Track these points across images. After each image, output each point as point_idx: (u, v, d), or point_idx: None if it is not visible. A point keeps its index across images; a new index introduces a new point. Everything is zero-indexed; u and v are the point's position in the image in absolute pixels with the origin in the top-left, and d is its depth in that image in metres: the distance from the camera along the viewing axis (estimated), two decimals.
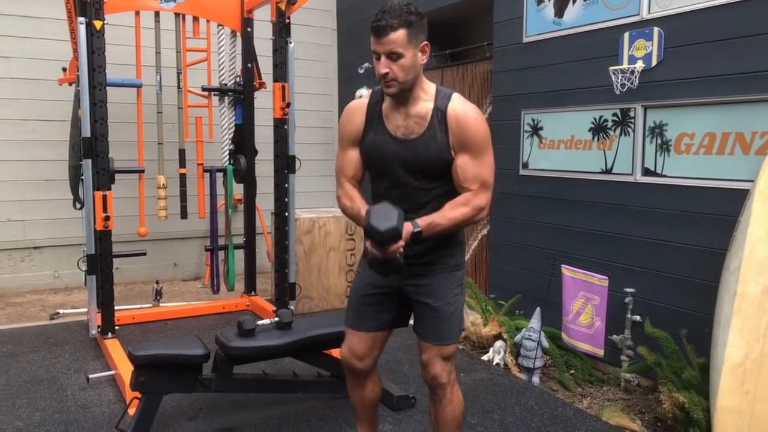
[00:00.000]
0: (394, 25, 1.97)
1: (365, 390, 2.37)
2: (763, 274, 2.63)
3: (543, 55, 4.11)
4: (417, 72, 2.05)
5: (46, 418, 3.03)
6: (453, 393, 2.23)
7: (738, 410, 2.56)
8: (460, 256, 2.24)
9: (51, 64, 5.22)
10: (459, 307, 2.21)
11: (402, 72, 1.99)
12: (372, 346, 2.29)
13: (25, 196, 5.48)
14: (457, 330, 2.21)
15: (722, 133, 3.14)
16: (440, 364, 2.17)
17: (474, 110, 2.09)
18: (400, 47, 1.97)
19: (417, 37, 2.01)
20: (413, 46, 2.00)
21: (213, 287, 4.84)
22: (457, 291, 2.20)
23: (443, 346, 2.17)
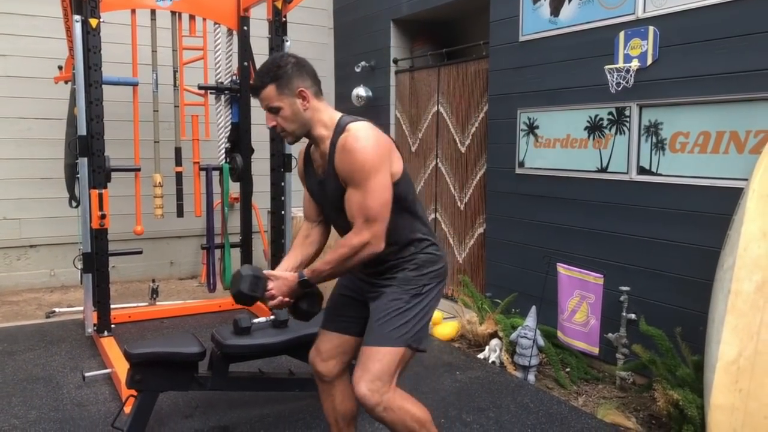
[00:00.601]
0: (264, 83, 2.04)
1: (334, 400, 2.29)
2: (756, 272, 2.64)
3: (539, 54, 4.12)
4: (305, 118, 2.06)
5: (42, 417, 3.03)
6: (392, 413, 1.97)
7: (732, 407, 2.58)
8: (413, 269, 2.06)
9: (47, 62, 5.21)
10: (398, 312, 2.01)
11: (286, 122, 2.06)
12: (337, 349, 2.24)
13: (20, 194, 5.47)
14: (390, 334, 1.99)
15: (717, 132, 3.15)
16: (365, 383, 1.95)
17: (361, 139, 1.93)
18: (274, 102, 2.03)
19: (289, 86, 2.02)
20: (288, 96, 2.02)
21: (209, 286, 4.84)
22: (401, 299, 2.03)
23: (372, 349, 1.99)
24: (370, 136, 1.95)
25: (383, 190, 1.93)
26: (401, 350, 2.00)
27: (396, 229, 2.05)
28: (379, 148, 1.94)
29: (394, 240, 2.05)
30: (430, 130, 5.40)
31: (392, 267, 2.08)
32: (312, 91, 2.06)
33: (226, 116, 4.78)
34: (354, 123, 2.02)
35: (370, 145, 1.93)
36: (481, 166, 4.83)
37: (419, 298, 2.05)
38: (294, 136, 2.09)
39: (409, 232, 2.09)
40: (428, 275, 2.09)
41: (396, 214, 2.02)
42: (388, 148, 1.98)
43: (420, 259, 2.08)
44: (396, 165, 2.01)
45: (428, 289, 2.08)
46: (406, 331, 2.01)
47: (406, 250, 2.08)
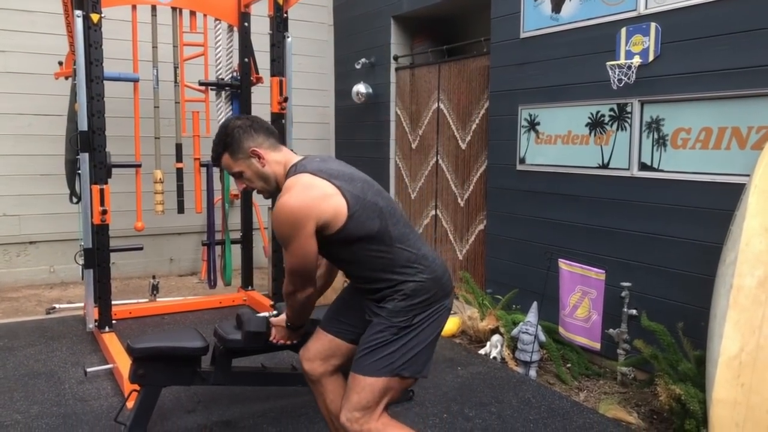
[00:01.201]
0: (218, 154, 2.13)
1: (325, 399, 2.28)
2: (758, 267, 2.65)
3: (540, 51, 4.13)
4: (267, 173, 2.10)
5: (44, 411, 3.02)
6: None
7: (734, 402, 2.58)
8: (402, 300, 2.00)
9: (47, 58, 5.21)
10: (383, 344, 1.98)
11: (252, 183, 2.14)
12: (326, 352, 2.24)
13: (20, 190, 5.46)
14: (373, 365, 1.97)
15: (719, 128, 3.16)
16: (346, 413, 1.98)
17: (282, 202, 1.93)
18: (234, 168, 2.11)
19: (241, 149, 2.08)
20: (243, 159, 2.09)
21: (210, 282, 4.84)
22: (388, 332, 1.99)
23: (355, 377, 2.00)
24: (288, 201, 1.92)
25: (302, 252, 1.96)
26: (385, 380, 1.97)
27: (372, 266, 2.02)
28: (294, 213, 1.90)
29: (373, 276, 2.03)
30: (431, 127, 5.40)
31: (382, 297, 2.03)
32: (266, 147, 2.09)
33: (227, 112, 4.78)
34: (289, 180, 2.01)
35: (286, 210, 1.91)
36: (482, 162, 4.83)
37: (409, 329, 1.99)
38: (266, 191, 2.16)
39: (388, 265, 2.01)
40: (421, 304, 2.00)
41: (362, 252, 2.00)
42: (308, 210, 1.91)
43: (409, 288, 1.99)
44: (333, 215, 1.94)
45: (421, 318, 2.00)
46: (391, 362, 1.97)
47: (391, 281, 2.01)
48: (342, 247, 2.02)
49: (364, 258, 2.02)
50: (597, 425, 2.98)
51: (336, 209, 1.94)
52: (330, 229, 1.95)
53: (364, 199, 1.99)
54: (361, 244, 1.99)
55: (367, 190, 2.03)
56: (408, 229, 2.08)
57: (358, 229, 1.97)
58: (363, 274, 2.07)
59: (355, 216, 1.96)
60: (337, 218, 1.94)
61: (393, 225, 2.03)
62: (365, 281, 2.07)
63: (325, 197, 1.94)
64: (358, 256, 2.02)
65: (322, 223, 1.93)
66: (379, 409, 1.99)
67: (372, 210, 1.99)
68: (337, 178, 1.99)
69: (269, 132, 2.13)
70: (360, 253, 2.01)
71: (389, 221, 2.02)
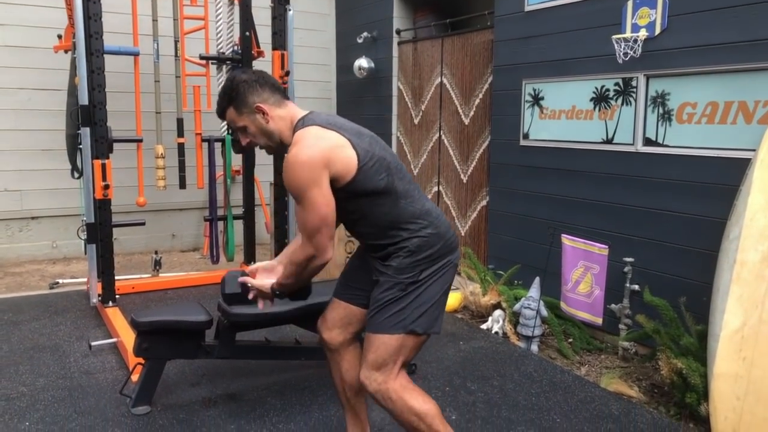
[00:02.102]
0: (223, 108, 2.09)
1: (341, 369, 2.29)
2: (762, 242, 2.65)
3: (545, 24, 4.08)
4: (271, 130, 2.06)
5: (50, 384, 3.05)
6: (391, 402, 1.99)
7: (735, 375, 2.60)
8: (407, 257, 2.00)
9: (46, 32, 5.14)
10: (392, 301, 1.99)
11: (255, 138, 2.09)
12: (342, 319, 2.24)
13: (21, 165, 5.44)
14: (385, 323, 1.98)
15: (725, 102, 3.13)
16: (364, 371, 2.01)
17: (291, 156, 1.92)
18: (238, 123, 2.08)
19: (245, 104, 2.04)
20: (247, 114, 2.05)
21: (212, 257, 4.85)
22: (395, 288, 1.99)
23: (369, 336, 2.01)
24: (299, 153, 1.90)
25: (319, 204, 1.90)
26: (399, 337, 1.98)
27: (377, 222, 2.02)
28: (308, 163, 1.88)
29: (378, 232, 2.03)
30: (433, 102, 5.36)
31: (387, 255, 2.03)
32: (271, 103, 2.05)
33: None
34: (297, 133, 1.99)
35: (299, 162, 1.89)
36: (485, 138, 4.81)
37: (416, 286, 2.00)
38: (269, 148, 2.13)
39: (393, 221, 2.01)
40: (426, 259, 2.01)
41: (369, 207, 2.00)
42: (320, 159, 1.89)
43: (413, 244, 2.00)
44: (344, 166, 1.93)
45: (428, 274, 2.01)
46: (402, 318, 1.98)
47: (396, 237, 2.01)
48: (349, 201, 2.00)
49: (370, 213, 2.02)
50: (598, 399, 3.01)
51: (347, 161, 1.94)
52: (340, 181, 1.94)
53: (373, 153, 1.99)
54: (369, 198, 1.99)
55: (375, 145, 2.04)
56: (412, 186, 2.09)
57: (366, 182, 1.97)
58: (368, 230, 2.06)
59: (364, 169, 1.96)
60: (347, 170, 1.94)
61: (399, 180, 2.04)
62: (371, 238, 2.07)
63: (336, 147, 1.94)
64: (365, 210, 2.02)
65: (334, 174, 1.92)
66: (396, 367, 2.00)
67: (380, 164, 2.00)
68: (346, 131, 1.99)
69: (275, 88, 2.09)
70: (367, 207, 2.01)
71: (396, 176, 2.03)
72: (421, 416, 1.97)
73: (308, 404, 2.89)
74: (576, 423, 2.77)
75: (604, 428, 2.73)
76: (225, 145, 4.70)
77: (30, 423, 2.67)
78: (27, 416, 2.73)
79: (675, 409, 2.96)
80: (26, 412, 2.77)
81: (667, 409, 2.98)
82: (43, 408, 2.81)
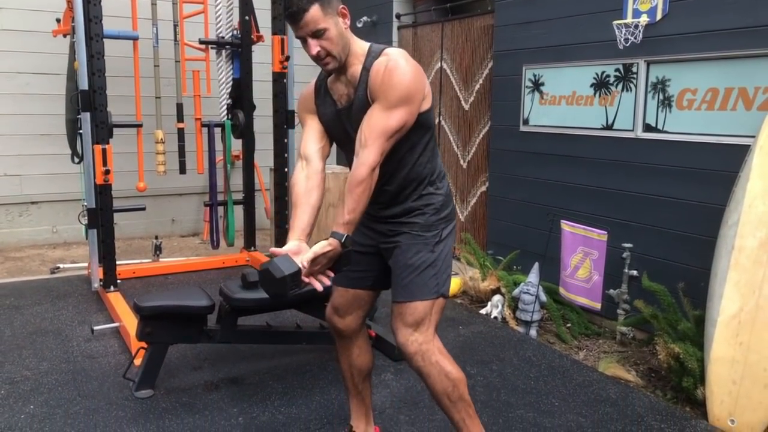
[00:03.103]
0: (306, 6, 1.88)
1: (351, 355, 2.29)
2: (760, 229, 2.67)
3: (545, 9, 4.06)
4: (347, 38, 1.98)
5: (53, 368, 3.08)
6: (429, 365, 1.99)
7: (732, 360, 2.64)
8: (433, 214, 2.03)
9: (44, 15, 5.12)
10: (427, 265, 2.00)
11: (332, 45, 1.93)
12: (352, 304, 2.24)
13: (21, 150, 5.44)
14: (423, 288, 1.99)
15: (725, 89, 3.14)
16: (404, 331, 2.00)
17: (404, 62, 1.89)
18: (320, 24, 1.89)
19: (331, 5, 1.91)
20: (332, 16, 1.91)
21: (213, 242, 4.87)
22: (425, 250, 2.01)
23: (407, 304, 2.00)
24: (412, 63, 1.93)
25: (410, 113, 1.90)
26: (432, 301, 2.01)
27: (419, 163, 2.03)
28: (419, 76, 1.93)
29: (415, 175, 2.03)
30: (433, 87, 5.35)
31: (411, 210, 2.03)
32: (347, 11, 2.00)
33: (228, 72, 4.73)
34: (391, 49, 1.98)
35: (412, 71, 1.90)
36: (485, 123, 4.81)
37: (442, 245, 2.04)
38: (338, 60, 1.96)
39: (430, 168, 2.05)
40: (445, 218, 2.07)
41: (423, 145, 2.02)
42: (424, 79, 1.98)
43: (438, 201, 2.05)
44: (428, 93, 1.99)
45: (447, 232, 2.07)
46: (437, 282, 2.01)
47: (426, 189, 2.04)
48: (412, 132, 1.97)
49: (418, 154, 2.02)
50: (596, 383, 3.04)
51: (430, 94, 2.01)
52: (422, 106, 1.97)
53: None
54: (426, 135, 2.03)
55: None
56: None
57: (430, 120, 2.03)
58: (403, 175, 2.01)
59: (431, 109, 2.03)
60: (428, 97, 2.00)
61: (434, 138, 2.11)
62: (401, 187, 2.02)
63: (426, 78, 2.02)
64: (416, 149, 2.01)
65: (425, 94, 1.97)
66: (431, 329, 2.02)
67: (433, 115, 2.06)
68: None
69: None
70: (419, 146, 2.02)
71: (434, 133, 2.11)
72: (455, 382, 2.01)
73: (309, 388, 2.93)
74: (574, 406, 2.81)
75: (602, 412, 2.76)
76: (225, 130, 4.71)
77: (34, 406, 2.70)
78: (31, 399, 2.76)
79: (672, 393, 2.99)
80: (30, 395, 2.80)
81: (664, 393, 3.02)
82: (47, 391, 2.84)
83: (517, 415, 2.72)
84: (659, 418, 2.71)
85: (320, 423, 2.62)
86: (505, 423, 2.66)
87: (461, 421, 2.04)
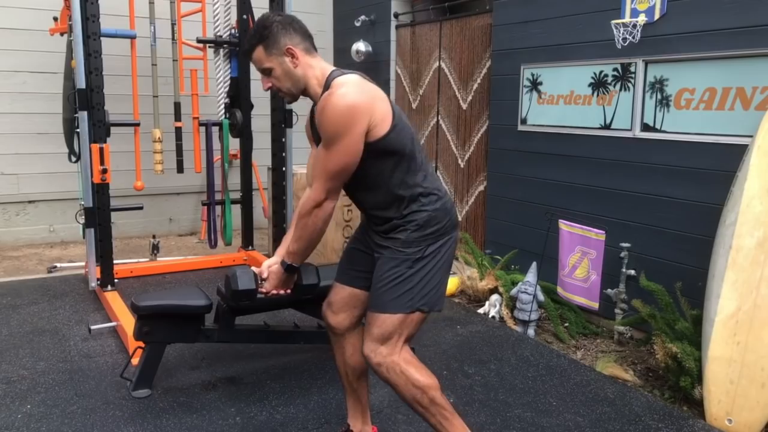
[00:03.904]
0: (252, 46, 2.04)
1: (345, 353, 2.30)
2: (758, 228, 2.67)
3: (544, 9, 4.06)
4: (297, 75, 2.03)
5: (50, 367, 3.07)
6: (395, 375, 1.99)
7: (729, 359, 2.64)
8: (415, 230, 2.00)
9: (41, 14, 5.10)
10: (401, 279, 1.99)
11: (279, 83, 2.05)
12: (347, 302, 2.25)
13: (18, 149, 5.42)
14: (394, 302, 1.98)
15: (723, 89, 3.14)
16: (370, 344, 2.01)
17: (335, 97, 1.88)
18: (265, 63, 2.03)
19: (276, 45, 2.00)
20: (276, 56, 2.01)
21: (210, 242, 4.86)
22: (403, 265, 1.99)
23: (377, 315, 2.01)
24: (347, 94, 1.88)
25: (349, 150, 1.90)
26: (404, 316, 1.99)
27: (393, 189, 2.01)
28: (352, 108, 1.87)
29: (390, 202, 2.02)
30: (432, 87, 5.35)
31: (394, 227, 2.03)
32: (301, 48, 2.03)
33: (225, 71, 4.72)
34: (339, 78, 1.97)
35: (343, 105, 1.87)
36: (483, 123, 4.81)
37: (424, 262, 2.00)
38: (290, 95, 2.08)
39: (407, 188, 2.01)
40: (432, 234, 2.01)
41: (390, 169, 1.99)
42: (366, 106, 1.89)
43: (421, 218, 2.00)
44: (381, 119, 1.93)
45: (434, 249, 2.02)
46: (411, 297, 1.99)
47: (406, 208, 2.01)
48: (375, 160, 1.98)
49: (389, 177, 2.00)
50: (594, 382, 3.05)
51: (384, 114, 1.95)
52: (373, 134, 1.93)
53: (401, 117, 2.02)
54: (393, 160, 1.99)
55: (401, 113, 2.06)
56: (426, 160, 2.11)
57: (395, 142, 1.97)
58: (381, 198, 2.03)
59: (396, 128, 1.97)
60: (383, 124, 1.95)
61: (418, 152, 2.06)
62: (380, 207, 2.04)
63: (377, 98, 1.95)
64: (385, 174, 2.00)
65: (371, 125, 1.92)
66: (401, 341, 2.01)
67: (407, 130, 2.02)
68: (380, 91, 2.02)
69: (307, 35, 2.07)
70: (387, 171, 2.00)
71: (416, 147, 2.05)
72: (423, 389, 2.00)
73: (307, 387, 2.92)
74: (572, 406, 2.81)
75: (600, 411, 2.77)
76: (222, 129, 4.70)
77: (31, 406, 2.70)
78: (28, 399, 2.75)
79: (669, 393, 3.00)
80: (27, 394, 2.79)
81: (662, 392, 3.02)
82: (44, 391, 2.83)
83: (515, 415, 2.72)
84: (657, 417, 2.72)
85: (318, 423, 2.62)
86: (502, 422, 2.66)
87: (438, 424, 2.04)
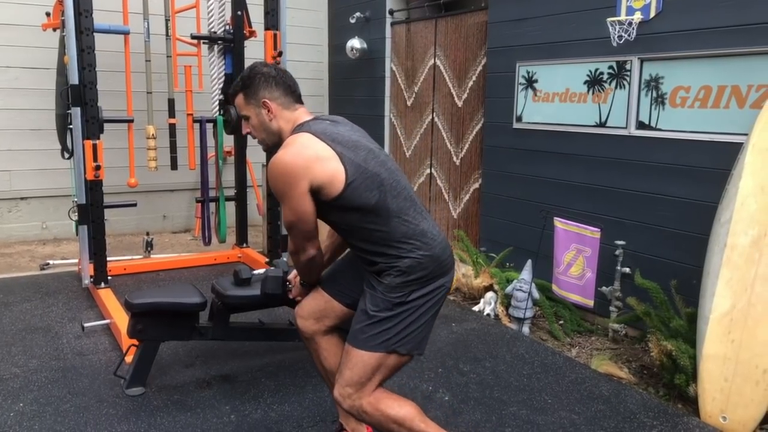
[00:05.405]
0: (235, 91, 2.12)
1: (319, 356, 2.28)
2: (753, 227, 2.68)
3: (539, 6, 4.06)
4: (272, 128, 2.09)
5: (43, 365, 3.05)
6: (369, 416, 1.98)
7: (723, 357, 2.65)
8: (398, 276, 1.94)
9: (33, 9, 5.07)
10: (381, 318, 1.95)
11: (254, 131, 2.13)
12: (320, 312, 2.23)
13: (10, 145, 5.38)
14: (371, 339, 1.95)
15: (718, 87, 3.14)
16: (340, 389, 1.99)
17: (278, 156, 1.92)
18: (243, 110, 2.11)
19: (255, 96, 2.07)
20: (253, 106, 2.08)
21: (204, 239, 4.83)
22: (384, 306, 1.95)
23: (351, 351, 1.98)
24: (283, 156, 1.91)
25: (294, 208, 1.94)
26: (379, 356, 1.96)
27: (368, 238, 1.98)
28: (287, 167, 1.89)
29: (369, 248, 1.99)
30: (427, 84, 5.34)
31: (380, 271, 1.98)
32: (278, 103, 2.06)
33: (220, 67, 4.69)
34: (290, 137, 2.00)
35: (281, 164, 1.91)
36: (478, 120, 4.80)
37: (405, 306, 1.95)
38: (265, 144, 2.15)
39: (384, 238, 1.96)
40: (417, 281, 1.95)
41: (359, 223, 1.97)
42: (299, 168, 1.88)
43: (404, 264, 1.94)
44: (328, 180, 1.90)
45: (418, 296, 1.96)
46: (387, 338, 1.95)
47: (386, 255, 1.96)
48: (339, 214, 1.99)
49: (360, 228, 1.98)
50: (588, 380, 3.05)
51: (332, 174, 1.90)
52: (326, 193, 1.92)
53: (365, 169, 1.94)
54: (358, 214, 1.95)
55: (370, 160, 1.98)
56: (409, 203, 2.02)
57: (355, 198, 1.93)
58: (359, 245, 2.03)
59: (353, 185, 1.92)
60: (333, 184, 1.90)
61: (393, 198, 1.98)
62: (362, 252, 2.03)
63: (318, 159, 1.90)
64: (354, 226, 1.99)
65: (317, 185, 1.90)
66: (372, 385, 1.98)
67: (372, 181, 1.94)
68: (340, 144, 1.95)
69: (290, 90, 2.09)
70: (356, 223, 1.98)
71: (389, 194, 1.97)
72: (400, 422, 1.97)
73: (302, 385, 2.91)
74: (567, 403, 2.81)
75: (595, 409, 2.77)
76: (217, 126, 4.67)
77: (24, 404, 2.68)
78: (21, 397, 2.73)
79: (664, 390, 3.00)
80: (20, 393, 2.77)
81: (657, 390, 3.03)
82: (37, 389, 2.81)
83: (510, 412, 2.72)
84: (651, 414, 2.72)
85: (313, 420, 2.61)
86: (498, 420, 2.66)
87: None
